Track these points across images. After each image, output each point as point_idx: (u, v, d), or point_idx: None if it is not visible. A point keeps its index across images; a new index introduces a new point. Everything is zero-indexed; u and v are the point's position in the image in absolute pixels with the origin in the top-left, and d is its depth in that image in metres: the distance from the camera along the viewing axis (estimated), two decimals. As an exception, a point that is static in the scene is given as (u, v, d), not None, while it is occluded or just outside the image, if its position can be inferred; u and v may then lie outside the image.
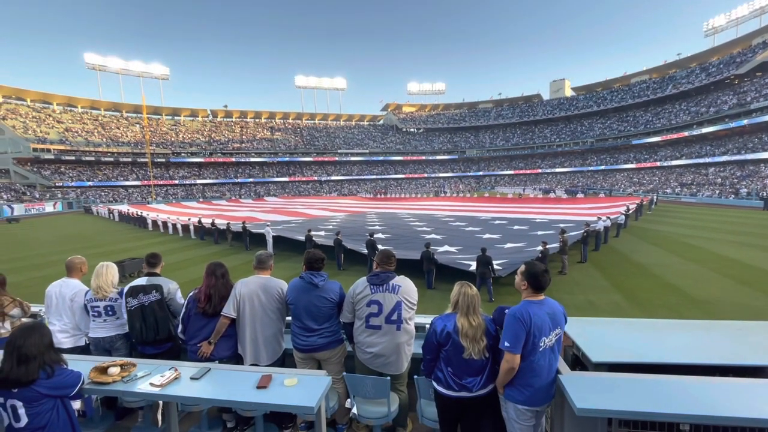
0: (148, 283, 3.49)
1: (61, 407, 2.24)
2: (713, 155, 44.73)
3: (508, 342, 2.33)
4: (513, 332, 2.32)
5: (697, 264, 11.98)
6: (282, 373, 2.68)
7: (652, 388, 2.28)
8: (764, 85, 44.02)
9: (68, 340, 3.53)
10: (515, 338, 2.31)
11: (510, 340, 2.32)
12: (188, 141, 69.28)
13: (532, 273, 2.45)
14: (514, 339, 2.31)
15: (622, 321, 3.84)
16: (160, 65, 73.65)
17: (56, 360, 2.26)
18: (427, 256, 10.12)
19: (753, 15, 53.87)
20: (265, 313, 3.24)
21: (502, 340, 2.39)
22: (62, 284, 3.59)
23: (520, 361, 2.34)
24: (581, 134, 67.13)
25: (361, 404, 3.02)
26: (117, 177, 58.72)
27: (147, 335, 3.39)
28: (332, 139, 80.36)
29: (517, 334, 2.31)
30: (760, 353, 2.81)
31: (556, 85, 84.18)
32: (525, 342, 2.31)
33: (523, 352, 2.33)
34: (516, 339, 2.31)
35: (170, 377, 2.58)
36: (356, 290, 3.10)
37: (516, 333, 2.31)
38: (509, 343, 2.32)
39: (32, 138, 52.42)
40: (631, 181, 50.92)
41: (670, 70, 63.43)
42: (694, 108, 51.92)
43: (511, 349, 2.31)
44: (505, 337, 2.36)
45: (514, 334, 2.31)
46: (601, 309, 8.32)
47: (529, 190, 55.14)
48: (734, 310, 7.99)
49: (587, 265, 12.31)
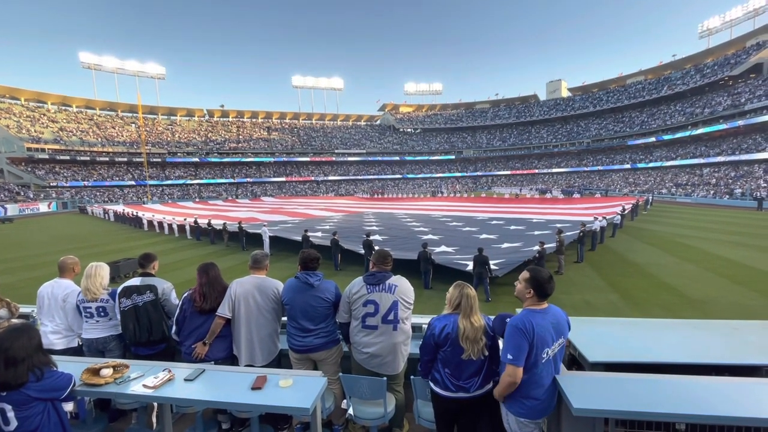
0: (142, 283, 3.44)
1: (52, 410, 2.20)
2: (708, 156, 45.06)
3: (510, 354, 2.20)
4: (515, 344, 2.20)
5: (692, 264, 12.05)
6: (277, 374, 2.66)
7: (648, 388, 2.28)
8: (758, 87, 44.41)
9: (61, 341, 3.48)
10: (518, 350, 2.19)
11: (512, 352, 2.20)
12: (184, 141, 68.99)
13: (538, 280, 2.32)
14: (516, 351, 2.19)
15: (618, 320, 3.85)
16: (156, 64, 73.29)
17: (45, 362, 2.22)
18: (424, 257, 10.11)
19: (747, 17, 54.36)
20: (261, 313, 3.22)
21: (503, 352, 2.29)
22: (54, 285, 3.54)
23: (522, 374, 2.23)
24: (577, 135, 67.47)
25: (358, 405, 3.00)
26: (112, 177, 58.36)
27: (140, 336, 3.35)
28: (329, 139, 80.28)
29: (519, 346, 2.19)
30: (755, 353, 2.82)
31: (552, 86, 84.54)
32: (528, 354, 2.20)
33: (525, 365, 2.22)
34: (518, 351, 2.19)
35: (164, 379, 2.55)
36: (352, 290, 3.09)
37: (518, 345, 2.19)
38: (512, 355, 2.20)
39: (26, 137, 52.02)
40: (627, 182, 51.21)
41: (665, 71, 63.91)
42: (689, 109, 52.30)
43: (513, 362, 2.19)
44: (506, 350, 2.25)
45: (517, 346, 2.19)
46: (597, 308, 8.34)
47: (526, 191, 55.32)
48: (729, 309, 8.04)
49: (584, 265, 12.35)
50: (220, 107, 79.87)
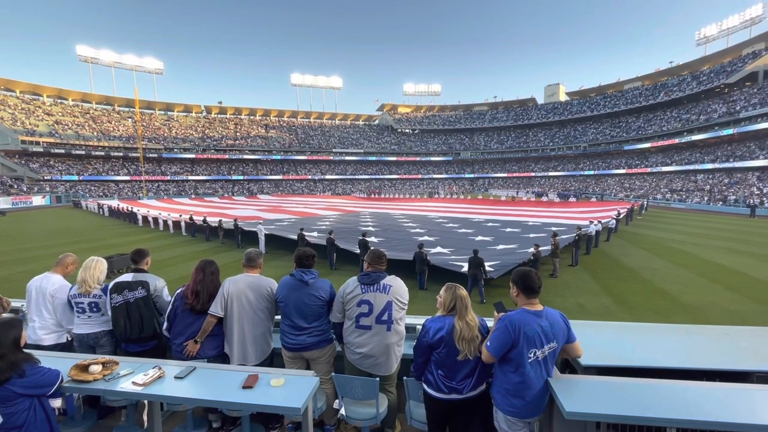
0: (134, 279, 3.40)
1: (38, 406, 2.17)
2: (702, 162, 45.46)
3: (490, 343, 2.37)
4: (498, 339, 2.33)
5: (685, 269, 12.15)
6: (269, 373, 2.63)
7: (640, 393, 2.28)
8: (753, 95, 44.86)
9: (49, 336, 3.42)
10: (497, 343, 2.33)
11: (493, 342, 2.35)
12: (181, 137, 68.61)
13: (520, 276, 2.43)
14: (496, 343, 2.34)
15: (611, 324, 3.86)
16: (154, 59, 72.92)
17: (23, 358, 2.17)
18: (420, 258, 10.11)
19: (743, 26, 54.85)
20: (254, 311, 3.18)
21: (488, 340, 2.40)
22: (43, 279, 3.49)
23: (510, 372, 2.35)
24: (574, 139, 67.82)
25: (350, 405, 2.98)
26: (108, 171, 57.91)
27: (131, 332, 3.30)
28: (327, 138, 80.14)
29: (502, 341, 2.32)
30: (746, 358, 2.84)
31: (550, 90, 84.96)
32: (509, 350, 2.32)
33: (512, 363, 2.33)
34: (498, 344, 2.33)
35: (154, 376, 2.52)
36: (347, 290, 3.07)
37: (502, 341, 2.32)
38: (491, 345, 2.35)
39: (21, 130, 51.51)
40: (623, 186, 51.55)
41: (662, 78, 64.36)
42: (685, 115, 52.72)
43: (490, 349, 2.35)
44: (490, 339, 2.38)
45: (499, 340, 2.33)
46: (591, 312, 8.38)
47: (522, 193, 55.47)
48: (721, 314, 8.11)
49: (578, 269, 12.41)
50: (218, 104, 79.53)
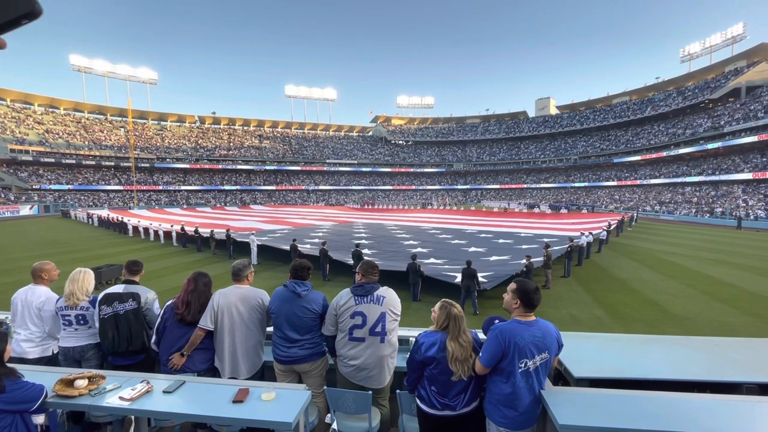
0: (125, 291, 3.34)
1: (20, 423, 2.11)
2: (689, 175, 46.44)
3: (482, 354, 2.40)
4: (490, 349, 2.36)
5: (674, 280, 12.29)
6: (260, 387, 2.59)
7: (632, 405, 2.30)
8: (736, 110, 46.18)
9: (34, 349, 3.34)
10: (490, 354, 2.36)
11: (484, 352, 2.39)
12: (174, 146, 68.25)
13: (525, 290, 2.41)
14: (487, 354, 2.36)
15: (603, 336, 3.88)
16: (148, 69, 72.76)
17: (4, 373, 2.12)
18: (413, 269, 10.09)
19: (725, 44, 56.81)
20: (245, 324, 3.13)
21: (481, 351, 2.42)
22: (28, 291, 3.41)
23: (502, 382, 2.37)
24: (565, 151, 68.93)
25: (342, 419, 2.94)
26: (98, 181, 57.23)
27: (119, 346, 3.23)
28: (321, 149, 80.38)
29: (493, 352, 2.34)
30: (736, 370, 2.87)
31: (541, 103, 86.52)
32: (500, 360, 2.34)
33: (503, 373, 2.35)
34: (491, 357, 2.35)
35: (141, 390, 2.47)
36: (340, 302, 3.04)
37: (493, 351, 2.35)
38: (483, 356, 2.39)
39: (10, 138, 50.84)
40: (613, 198, 52.31)
41: (649, 93, 66.06)
42: (672, 129, 54.01)
43: (482, 360, 2.39)
44: (483, 350, 2.41)
45: (490, 351, 2.35)
46: (583, 323, 8.40)
47: (515, 205, 55.96)
48: (711, 326, 8.19)
49: (570, 280, 12.48)
50: (212, 114, 79.43)
